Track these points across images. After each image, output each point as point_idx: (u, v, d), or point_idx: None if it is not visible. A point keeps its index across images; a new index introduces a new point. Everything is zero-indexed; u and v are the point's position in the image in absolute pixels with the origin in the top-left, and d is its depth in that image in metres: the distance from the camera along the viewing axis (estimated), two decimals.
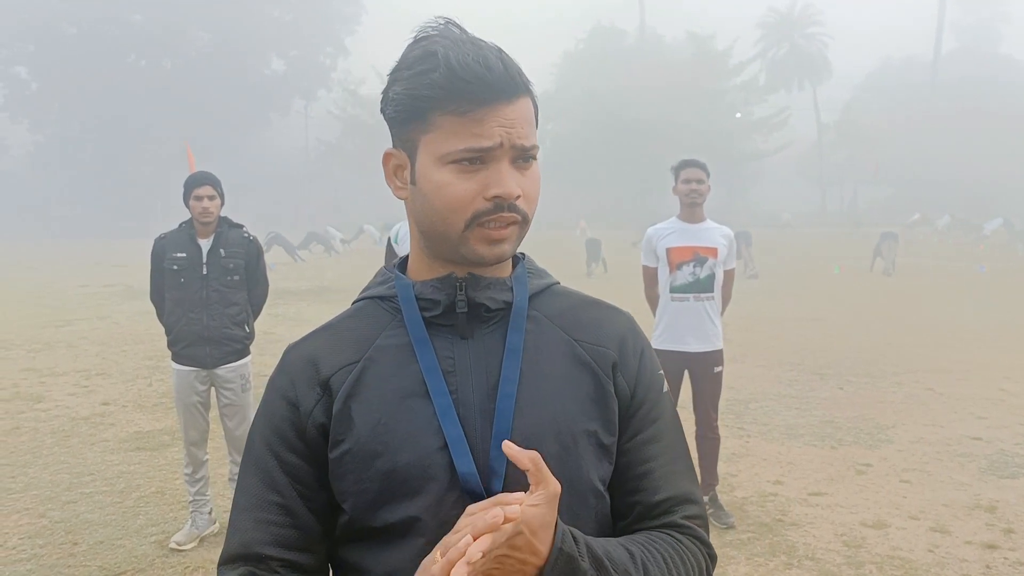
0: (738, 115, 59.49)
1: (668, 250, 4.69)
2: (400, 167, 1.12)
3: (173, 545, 4.42)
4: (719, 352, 4.78)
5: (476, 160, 1.04)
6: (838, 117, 62.55)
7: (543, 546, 0.96)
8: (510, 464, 1.02)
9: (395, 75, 1.09)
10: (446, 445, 1.04)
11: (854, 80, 69.18)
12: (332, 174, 64.07)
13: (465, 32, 1.08)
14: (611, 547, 1.04)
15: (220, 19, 56.64)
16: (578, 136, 61.68)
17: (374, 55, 64.17)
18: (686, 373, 4.81)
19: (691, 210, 4.72)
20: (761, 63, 64.37)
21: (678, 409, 4.60)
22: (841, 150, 61.40)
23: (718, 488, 4.97)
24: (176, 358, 4.53)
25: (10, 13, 52.64)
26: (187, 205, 4.43)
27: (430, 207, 1.07)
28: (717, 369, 4.78)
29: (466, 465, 1.03)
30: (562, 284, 1.25)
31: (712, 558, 1.16)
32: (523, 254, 1.24)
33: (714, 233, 4.73)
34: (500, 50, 1.07)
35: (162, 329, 4.67)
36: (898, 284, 19.12)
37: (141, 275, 15.56)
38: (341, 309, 1.22)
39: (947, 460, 5.98)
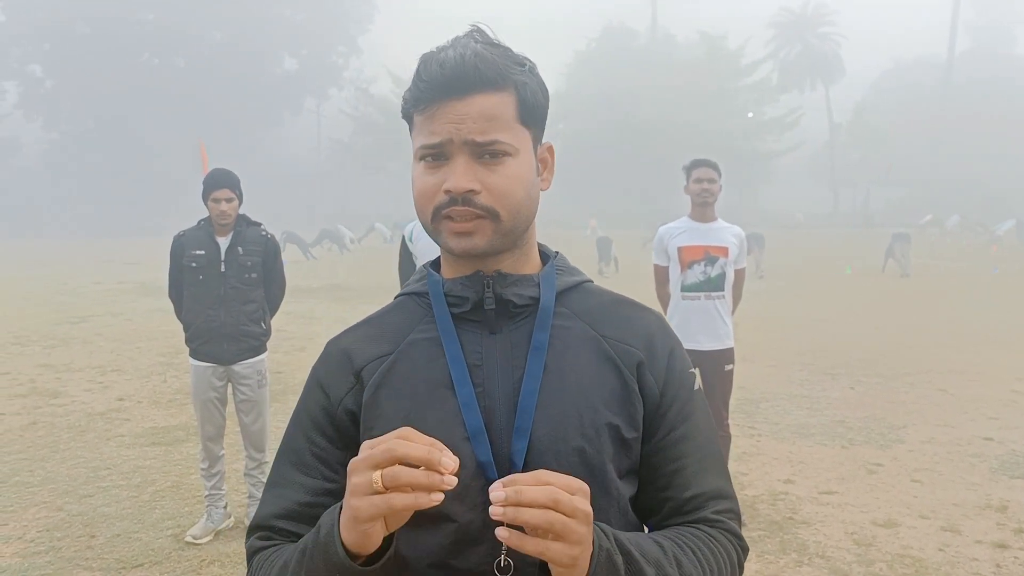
0: (750, 115, 59.35)
1: (679, 249, 4.72)
2: None
3: (189, 539, 4.48)
4: (730, 350, 4.80)
5: (438, 156, 1.10)
6: (850, 117, 62.31)
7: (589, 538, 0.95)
8: (529, 457, 1.07)
9: None
10: (469, 436, 1.08)
11: (867, 80, 68.90)
12: (344, 173, 64.27)
13: (475, 38, 1.12)
14: (641, 540, 1.06)
15: (233, 18, 56.91)
16: (589, 136, 61.65)
17: (386, 54, 64.40)
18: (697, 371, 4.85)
19: (702, 209, 4.75)
20: (773, 63, 64.19)
21: None
22: (853, 150, 61.18)
23: None
24: (194, 354, 4.59)
25: (25, 12, 53.05)
26: (205, 204, 4.49)
27: (414, 201, 1.15)
28: (728, 367, 4.81)
29: (484, 455, 1.07)
30: (594, 283, 1.27)
31: (744, 550, 1.18)
32: (556, 252, 1.28)
33: (725, 232, 4.76)
34: (486, 48, 1.10)
35: (176, 326, 4.73)
36: (910, 285, 19.07)
37: (154, 272, 15.64)
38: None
39: (958, 460, 5.99)
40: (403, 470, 0.90)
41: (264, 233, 4.63)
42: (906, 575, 4.09)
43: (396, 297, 1.27)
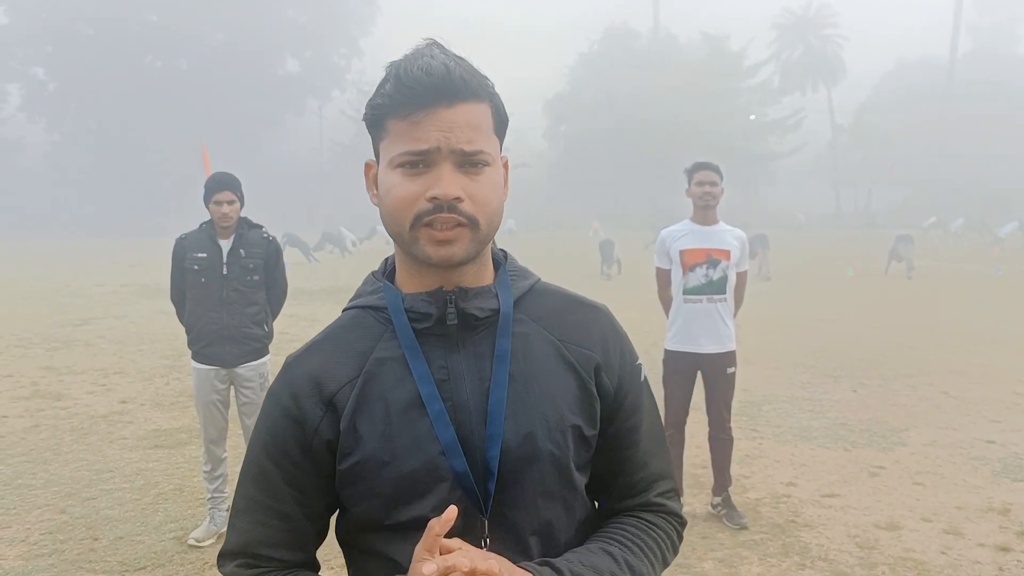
0: (752, 117, 59.28)
1: (681, 252, 4.72)
2: (374, 178, 1.20)
3: (192, 541, 4.49)
4: (732, 353, 4.80)
5: (419, 163, 1.10)
6: (852, 119, 62.25)
7: None
8: (503, 464, 1.14)
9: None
10: (444, 450, 1.13)
11: (869, 81, 68.81)
12: (346, 174, 64.36)
13: (442, 50, 1.13)
14: (595, 559, 1.16)
15: (235, 19, 56.92)
16: (591, 137, 61.65)
17: (388, 56, 64.23)
18: (699, 374, 4.85)
19: (704, 212, 4.76)
20: (776, 64, 64.12)
21: (692, 410, 4.62)
22: (856, 152, 61.09)
23: (731, 489, 5.00)
24: (196, 357, 4.59)
25: (28, 14, 53.12)
26: (207, 207, 4.49)
27: (385, 209, 1.15)
28: (730, 370, 4.81)
29: (460, 466, 1.12)
30: (542, 281, 1.30)
31: (682, 525, 1.31)
32: (504, 253, 1.29)
33: (727, 235, 4.76)
34: (458, 60, 1.12)
35: (178, 328, 4.73)
36: (912, 286, 19.05)
37: (156, 274, 15.65)
38: None
39: (960, 463, 5.98)
40: None
41: (266, 235, 4.64)
42: None
43: (346, 309, 1.27)
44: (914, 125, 60.37)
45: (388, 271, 1.27)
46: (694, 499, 5.22)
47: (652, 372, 5.32)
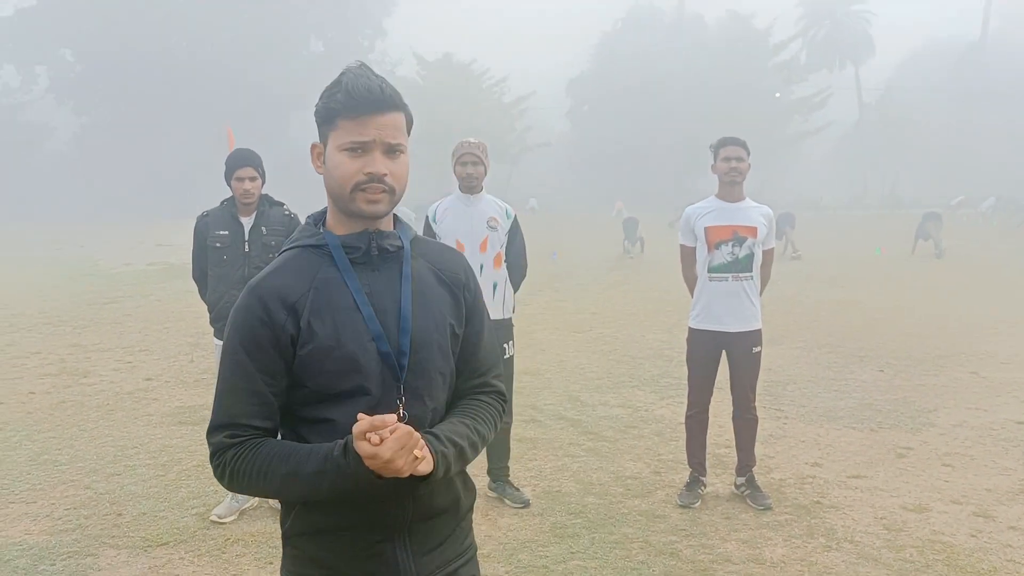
0: (777, 95, 58.47)
1: (706, 229, 4.64)
2: (319, 154, 1.74)
3: (214, 518, 4.51)
4: (757, 332, 4.73)
5: (359, 149, 1.65)
6: (880, 97, 61.21)
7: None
8: (412, 348, 1.70)
9: (321, 95, 1.69)
10: (374, 338, 1.67)
11: (897, 59, 67.61)
12: None
13: (369, 70, 1.69)
14: (455, 427, 1.72)
15: (261, 1, 56.81)
16: (615, 117, 61.14)
17: (411, 37, 64.13)
18: (724, 353, 4.78)
19: (730, 188, 4.67)
20: (802, 42, 63.13)
21: (716, 390, 4.56)
22: (883, 130, 60.13)
23: (755, 469, 4.94)
24: (219, 335, 4.60)
25: None
26: (228, 184, 4.47)
27: (332, 179, 1.69)
28: (756, 349, 4.73)
29: (384, 347, 1.68)
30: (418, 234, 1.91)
31: (505, 403, 1.90)
32: (396, 215, 1.85)
33: (753, 212, 4.67)
34: (384, 80, 1.67)
35: (202, 308, 4.73)
36: (941, 266, 18.76)
37: (181, 254, 15.78)
38: None
39: (990, 445, 5.88)
40: (396, 457, 1.50)
41: (287, 212, 4.62)
42: (937, 561, 4.02)
43: (286, 249, 1.77)
44: (943, 103, 59.28)
45: (320, 221, 1.79)
46: (717, 479, 5.17)
47: (678, 352, 5.25)
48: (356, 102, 1.63)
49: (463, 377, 1.84)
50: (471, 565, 1.89)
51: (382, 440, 1.48)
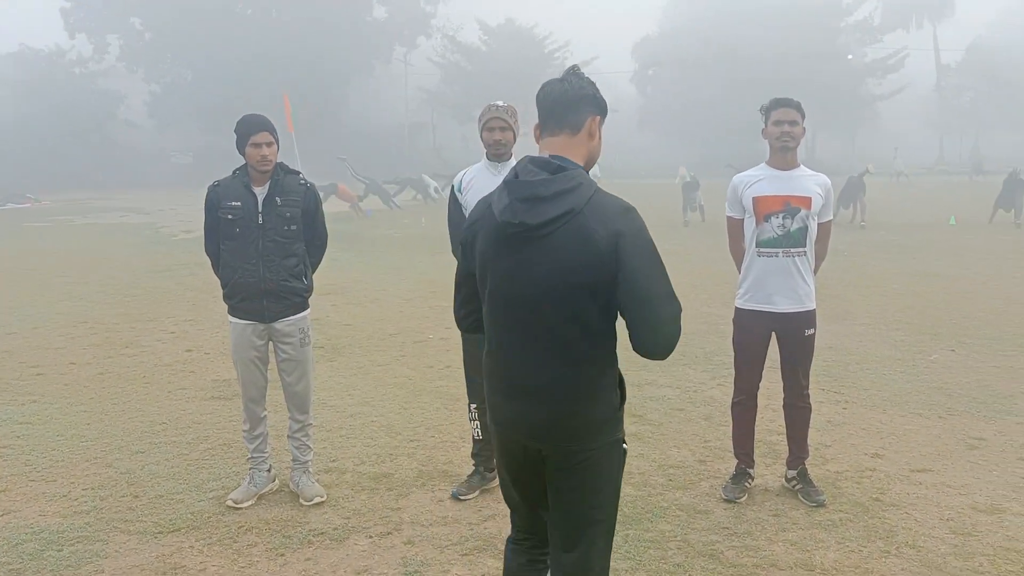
0: (850, 57, 56.22)
1: (755, 199, 4.21)
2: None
3: (230, 502, 4.32)
4: (811, 313, 4.30)
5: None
6: (961, 57, 58.30)
7: None
8: None
9: None
10: None
11: (979, 18, 64.29)
12: (432, 122, 64.14)
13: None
14: None
15: None
16: (682, 81, 59.67)
17: (473, 2, 63.41)
18: (773, 335, 4.37)
19: (782, 155, 4.22)
20: (876, 0, 60.52)
21: (767, 370, 4.16)
22: (963, 93, 57.38)
23: (808, 461, 4.53)
24: (233, 311, 4.38)
25: None
26: (241, 152, 4.22)
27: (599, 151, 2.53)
28: (809, 332, 4.31)
29: None
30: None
31: None
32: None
33: (808, 181, 4.22)
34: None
35: None
36: (1022, 237, 17.70)
37: None
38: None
39: None
40: None
41: (303, 182, 4.34)
42: (1011, 573, 3.58)
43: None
44: None
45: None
46: (767, 470, 4.79)
47: (726, 331, 4.66)
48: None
49: None
50: None
51: None
